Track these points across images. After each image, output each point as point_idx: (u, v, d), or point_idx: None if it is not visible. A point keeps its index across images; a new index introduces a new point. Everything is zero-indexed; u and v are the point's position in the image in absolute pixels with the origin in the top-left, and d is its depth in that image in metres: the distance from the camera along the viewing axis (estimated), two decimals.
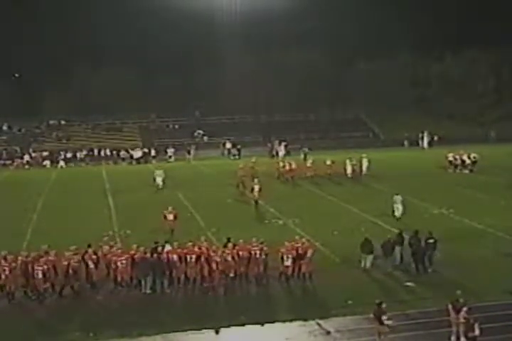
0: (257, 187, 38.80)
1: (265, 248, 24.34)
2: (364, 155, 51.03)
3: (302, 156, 59.88)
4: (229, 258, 24.05)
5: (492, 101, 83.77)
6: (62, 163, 64.64)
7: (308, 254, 24.34)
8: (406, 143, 74.41)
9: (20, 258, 23.37)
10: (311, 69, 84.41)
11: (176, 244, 24.71)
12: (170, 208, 32.39)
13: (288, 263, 24.08)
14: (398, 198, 34.68)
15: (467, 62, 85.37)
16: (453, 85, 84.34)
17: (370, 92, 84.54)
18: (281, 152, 66.67)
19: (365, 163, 49.97)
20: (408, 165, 56.54)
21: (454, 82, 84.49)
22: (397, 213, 34.15)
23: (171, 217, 31.93)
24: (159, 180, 46.25)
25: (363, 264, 25.41)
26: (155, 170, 47.29)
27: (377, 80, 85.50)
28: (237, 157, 65.44)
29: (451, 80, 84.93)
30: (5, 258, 23.10)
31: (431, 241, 25.07)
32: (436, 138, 75.18)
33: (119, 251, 24.41)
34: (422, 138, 74.03)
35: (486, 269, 24.97)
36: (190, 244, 24.55)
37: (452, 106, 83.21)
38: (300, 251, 24.33)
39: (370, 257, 25.30)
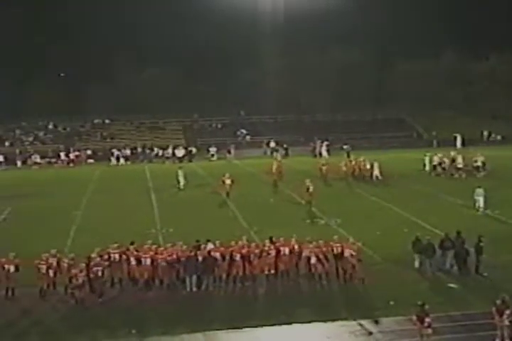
0: (311, 188, 38.83)
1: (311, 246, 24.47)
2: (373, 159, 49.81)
3: (345, 155, 59.71)
4: (272, 253, 24.15)
5: None
6: (122, 161, 65.65)
7: (346, 254, 24.23)
8: (435, 142, 73.45)
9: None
10: (352, 69, 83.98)
11: (218, 242, 24.92)
12: (227, 174, 41.58)
13: (313, 261, 24.09)
14: (480, 191, 35.95)
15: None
16: (498, 85, 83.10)
17: (413, 92, 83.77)
18: (325, 152, 66.46)
19: (376, 167, 47.91)
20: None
21: (500, 82, 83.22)
22: (479, 205, 35.67)
23: (228, 181, 41.24)
24: (182, 180, 46.06)
25: (416, 264, 25.21)
26: (177, 170, 47.05)
27: (420, 80, 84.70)
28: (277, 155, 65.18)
29: (497, 80, 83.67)
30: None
31: (481, 244, 24.70)
32: (499, 137, 75.71)
33: (162, 248, 24.67)
34: (455, 137, 73.04)
35: None
36: (233, 242, 24.75)
37: (498, 105, 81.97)
38: (336, 251, 24.30)
39: (421, 257, 25.13)
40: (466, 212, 35.69)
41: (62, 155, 67.49)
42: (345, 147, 64.27)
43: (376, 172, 47.48)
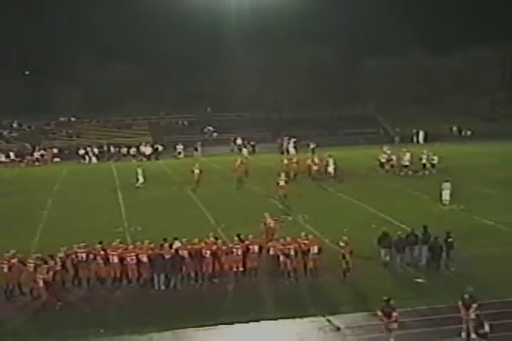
0: (282, 183, 39.36)
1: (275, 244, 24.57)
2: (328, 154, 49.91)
3: (310, 152, 60.05)
4: (239, 252, 24.24)
5: (502, 96, 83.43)
6: (94, 159, 65.24)
7: (315, 250, 24.40)
8: (397, 138, 74.18)
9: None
10: (320, 66, 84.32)
11: (185, 240, 24.90)
12: (197, 164, 45.64)
13: (281, 258, 24.22)
14: (447, 185, 36.75)
15: (478, 58, 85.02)
16: (464, 81, 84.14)
17: (381, 89, 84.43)
18: (292, 149, 66.65)
19: (331, 164, 47.67)
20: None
21: (465, 78, 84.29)
22: (445, 199, 36.46)
23: (197, 171, 45.00)
24: (140, 179, 45.80)
25: (384, 259, 25.47)
26: (136, 168, 46.73)
27: (387, 77, 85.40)
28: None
29: (462, 76, 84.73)
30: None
31: (450, 240, 25.01)
32: (469, 132, 76.55)
33: (131, 247, 24.59)
34: (417, 133, 73.71)
35: (498, 266, 24.93)
36: (196, 240, 24.76)
37: (463, 102, 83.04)
38: (304, 247, 24.44)
39: (388, 251, 25.37)
40: (433, 207, 36.11)
41: (28, 153, 66.66)
42: (311, 144, 64.46)
43: (330, 168, 47.56)
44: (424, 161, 48.30)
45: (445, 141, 70.02)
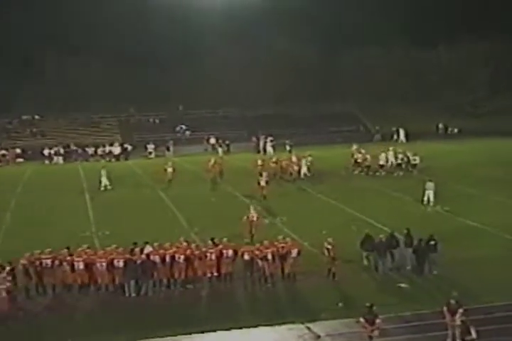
0: (263, 183, 39.70)
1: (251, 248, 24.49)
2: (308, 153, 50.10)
3: (288, 151, 60.20)
4: (213, 257, 24.13)
5: (488, 92, 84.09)
6: (59, 159, 64.69)
7: (293, 254, 24.35)
8: (378, 136, 74.58)
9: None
10: (297, 61, 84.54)
11: (156, 244, 24.72)
12: (170, 163, 46.78)
13: (259, 264, 24.14)
14: (431, 185, 36.88)
15: (465, 52, 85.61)
16: (450, 76, 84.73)
17: (362, 84, 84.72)
18: (270, 148, 66.60)
19: (304, 165, 47.72)
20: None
21: (451, 73, 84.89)
22: (427, 199, 36.74)
23: (170, 169, 45.93)
24: (105, 181, 45.46)
25: (365, 262, 25.45)
26: (100, 170, 46.36)
27: (368, 71, 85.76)
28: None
29: (448, 71, 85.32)
30: None
31: (432, 243, 25.05)
32: (456, 130, 77.05)
33: (101, 252, 24.36)
34: (398, 131, 74.13)
35: (484, 269, 25.03)
36: (167, 244, 24.58)
37: (449, 98, 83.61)
38: (282, 251, 24.36)
39: (371, 255, 25.39)
40: (415, 208, 36.26)
41: None
42: (287, 143, 64.57)
43: (303, 169, 47.49)
44: (399, 161, 48.28)
45: (429, 139, 70.49)
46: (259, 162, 48.29)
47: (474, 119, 78.90)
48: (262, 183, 40.09)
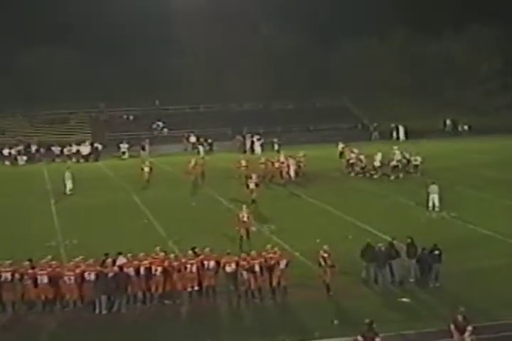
0: (252, 185, 39.86)
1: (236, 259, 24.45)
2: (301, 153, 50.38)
3: (276, 150, 60.60)
4: (193, 269, 24.09)
5: (499, 85, 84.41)
6: (22, 160, 64.58)
7: (281, 266, 24.29)
8: (376, 135, 74.91)
9: None
10: (288, 51, 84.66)
11: (130, 255, 24.62)
12: (147, 162, 48.46)
13: (244, 275, 24.11)
14: (434, 188, 36.96)
15: (472, 41, 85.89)
16: (455, 67, 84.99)
17: (358, 76, 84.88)
18: (258, 148, 66.66)
19: (292, 164, 47.74)
20: None
21: (457, 64, 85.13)
22: (433, 204, 36.82)
23: (146, 169, 47.37)
24: (69, 184, 45.35)
25: (363, 274, 25.45)
26: (65, 172, 46.18)
27: (366, 62, 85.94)
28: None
29: (453, 62, 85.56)
30: None
31: (436, 252, 25.08)
32: (466, 127, 77.55)
33: (69, 264, 24.22)
34: (397, 128, 74.43)
35: (495, 282, 25.08)
36: (142, 254, 24.50)
37: (452, 91, 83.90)
38: (270, 262, 24.32)
39: (372, 266, 25.41)
40: (419, 214, 36.32)
41: None
42: (275, 141, 64.71)
43: (291, 171, 47.48)
44: (395, 162, 48.31)
45: (435, 137, 70.79)
46: (243, 163, 48.31)
47: (484, 115, 79.23)
48: (251, 186, 40.22)
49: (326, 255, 24.49)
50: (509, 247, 29.54)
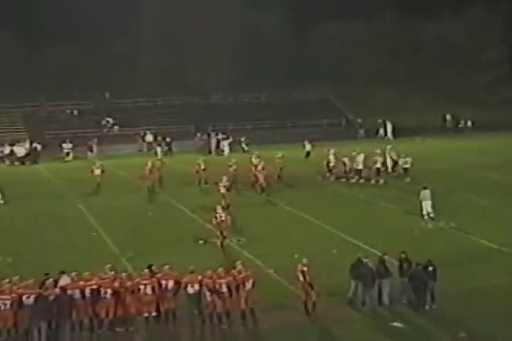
0: (222, 190, 40.34)
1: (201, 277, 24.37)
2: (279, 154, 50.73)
3: (243, 150, 61.64)
4: (149, 290, 23.97)
5: (505, 75, 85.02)
6: None
7: (248, 286, 24.21)
8: (362, 132, 75.36)
9: None
10: (261, 36, 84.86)
11: (75, 274, 24.45)
12: (98, 163, 49.66)
13: (208, 298, 24.05)
14: (427, 193, 37.30)
15: (472, 24, 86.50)
16: (452, 54, 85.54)
17: (342, 65, 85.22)
18: (227, 148, 66.64)
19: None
20: None
21: (455, 51, 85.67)
22: (427, 211, 37.19)
23: (98, 172, 48.40)
24: None
25: (350, 294, 25.44)
26: None
27: (351, 49, 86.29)
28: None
29: (451, 47, 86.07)
30: None
31: (430, 269, 25.13)
32: (469, 123, 78.36)
33: (6, 286, 23.99)
34: (384, 125, 74.85)
35: (500, 303, 25.15)
36: (88, 273, 24.33)
37: (449, 81, 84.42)
38: (239, 282, 24.27)
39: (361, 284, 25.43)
40: (412, 225, 36.41)
41: None
42: (242, 140, 64.80)
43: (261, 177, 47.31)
44: (378, 165, 48.44)
45: (433, 135, 71.19)
46: (201, 165, 48.45)
47: (488, 108, 79.83)
48: (222, 190, 40.41)
49: (305, 269, 24.51)
50: None
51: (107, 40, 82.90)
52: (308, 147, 57.59)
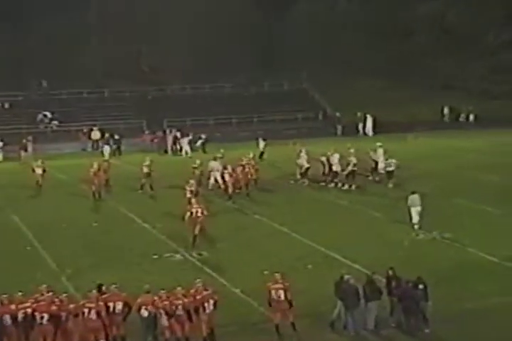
0: (188, 194, 41.18)
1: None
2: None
3: (201, 149, 62.75)
4: (93, 314, 23.86)
5: (508, 61, 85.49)
6: None
7: (208, 308, 24.18)
8: (339, 128, 75.73)
9: None
10: (225, 15, 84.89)
11: (5, 297, 24.33)
12: (39, 161, 50.26)
13: (165, 322, 24.03)
14: (416, 199, 37.29)
15: (470, 3, 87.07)
16: (447, 36, 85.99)
17: (320, 50, 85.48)
18: (187, 146, 66.59)
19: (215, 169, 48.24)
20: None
21: (449, 32, 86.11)
22: (416, 220, 37.22)
23: (39, 171, 49.27)
24: None
25: (334, 315, 25.47)
26: None
27: (331, 31, 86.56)
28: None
29: (444, 29, 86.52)
30: None
31: (421, 287, 25.21)
32: (472, 117, 79.05)
33: None
34: (365, 119, 75.15)
35: (503, 325, 25.22)
36: (21, 294, 24.20)
37: (446, 69, 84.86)
38: (198, 303, 24.25)
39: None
40: (400, 235, 36.58)
41: None
42: (201, 137, 64.92)
43: (211, 178, 47.75)
44: (351, 167, 48.55)
45: (427, 131, 71.52)
46: (145, 169, 48.66)
47: (490, 101, 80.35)
48: (188, 195, 40.86)
49: (278, 286, 24.54)
50: None
51: (44, 17, 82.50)
52: (261, 146, 57.76)
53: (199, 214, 34.60)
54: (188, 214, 34.76)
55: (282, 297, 24.45)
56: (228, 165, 47.00)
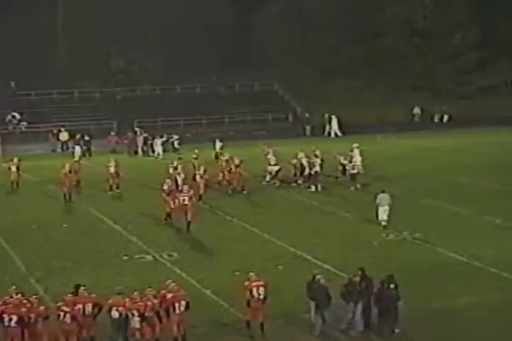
0: (164, 194, 40.00)
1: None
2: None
3: (173, 150, 62.68)
4: (67, 319, 23.76)
5: (478, 61, 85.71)
6: None
7: (179, 309, 24.14)
8: (308, 129, 75.79)
9: None
10: (190, 15, 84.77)
11: None
12: (15, 159, 50.76)
13: (136, 324, 23.95)
14: (385, 198, 37.42)
15: (437, 3, 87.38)
16: (416, 38, 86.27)
17: (292, 49, 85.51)
18: (159, 148, 66.33)
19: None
20: None
21: (418, 34, 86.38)
22: (383, 218, 37.41)
23: (14, 168, 50.13)
24: None
25: (312, 317, 25.48)
26: None
27: (301, 31, 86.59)
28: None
29: (414, 30, 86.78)
30: None
31: (392, 286, 25.22)
32: (446, 117, 79.19)
33: None
34: (330, 120, 75.16)
35: (475, 325, 25.34)
36: None
37: (416, 69, 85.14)
38: (169, 303, 24.21)
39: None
40: (369, 235, 36.71)
41: None
42: (174, 138, 64.89)
43: (179, 179, 46.69)
44: (316, 168, 48.49)
45: (396, 132, 71.68)
46: (111, 169, 48.50)
47: (456, 101, 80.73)
48: (163, 195, 40.26)
49: (259, 283, 24.55)
50: (492, 279, 30.09)
51: (11, 17, 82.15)
52: (218, 147, 58.25)
53: (186, 202, 35.18)
54: (176, 201, 35.97)
55: (262, 294, 24.55)
56: (201, 166, 47.07)
